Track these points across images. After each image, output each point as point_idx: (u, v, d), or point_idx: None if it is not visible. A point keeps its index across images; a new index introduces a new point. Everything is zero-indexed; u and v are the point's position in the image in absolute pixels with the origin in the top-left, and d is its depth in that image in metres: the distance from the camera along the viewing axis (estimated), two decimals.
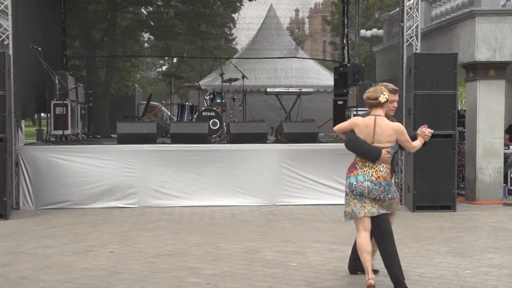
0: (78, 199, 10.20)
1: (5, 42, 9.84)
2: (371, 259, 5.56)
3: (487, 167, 10.91)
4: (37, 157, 10.16)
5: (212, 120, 12.08)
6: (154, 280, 5.95)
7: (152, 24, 20.50)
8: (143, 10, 20.39)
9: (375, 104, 5.50)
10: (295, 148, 10.72)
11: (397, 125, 5.62)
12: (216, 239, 7.81)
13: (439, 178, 9.88)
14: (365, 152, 5.50)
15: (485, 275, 6.12)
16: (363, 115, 5.75)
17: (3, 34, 9.83)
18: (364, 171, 5.49)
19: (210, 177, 10.48)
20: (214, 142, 11.33)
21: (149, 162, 10.40)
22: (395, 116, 5.90)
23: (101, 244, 7.47)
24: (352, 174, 5.54)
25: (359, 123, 5.58)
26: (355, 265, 5.97)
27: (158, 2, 19.90)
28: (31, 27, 11.07)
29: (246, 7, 18.85)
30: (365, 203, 5.49)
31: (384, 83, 5.80)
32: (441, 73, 9.96)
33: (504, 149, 11.34)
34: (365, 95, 5.57)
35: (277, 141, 11.24)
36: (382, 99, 5.47)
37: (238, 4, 19.67)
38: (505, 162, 11.34)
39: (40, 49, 10.59)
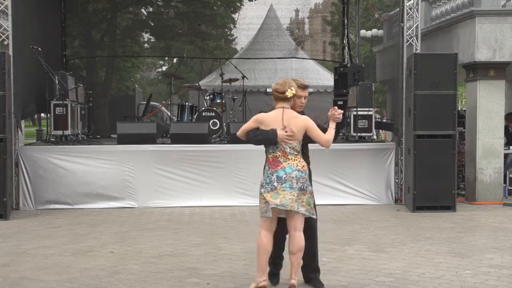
0: (78, 199, 10.21)
1: (5, 42, 9.84)
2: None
3: (487, 167, 10.91)
4: (37, 157, 10.17)
5: (212, 120, 12.09)
6: (154, 280, 5.94)
7: (152, 24, 20.49)
8: (143, 10, 20.39)
9: (282, 97, 5.36)
10: None
11: (306, 119, 5.46)
12: (216, 239, 7.81)
13: (439, 178, 9.87)
14: (263, 138, 5.34)
15: (485, 275, 6.11)
16: (266, 112, 5.50)
17: (3, 34, 9.84)
18: (289, 163, 5.35)
19: (210, 177, 10.48)
20: (214, 143, 11.33)
21: (149, 162, 10.40)
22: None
23: (101, 244, 7.47)
24: (279, 167, 5.33)
25: (264, 119, 5.39)
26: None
27: (158, 2, 19.89)
28: (31, 27, 11.07)
29: (246, 7, 18.82)
30: (293, 196, 5.30)
31: (295, 78, 5.59)
32: (441, 73, 9.94)
33: (504, 149, 11.34)
34: (273, 87, 5.42)
35: None
36: (288, 94, 5.33)
37: (238, 4, 19.66)
38: (504, 162, 11.33)
39: (40, 49, 10.58)
